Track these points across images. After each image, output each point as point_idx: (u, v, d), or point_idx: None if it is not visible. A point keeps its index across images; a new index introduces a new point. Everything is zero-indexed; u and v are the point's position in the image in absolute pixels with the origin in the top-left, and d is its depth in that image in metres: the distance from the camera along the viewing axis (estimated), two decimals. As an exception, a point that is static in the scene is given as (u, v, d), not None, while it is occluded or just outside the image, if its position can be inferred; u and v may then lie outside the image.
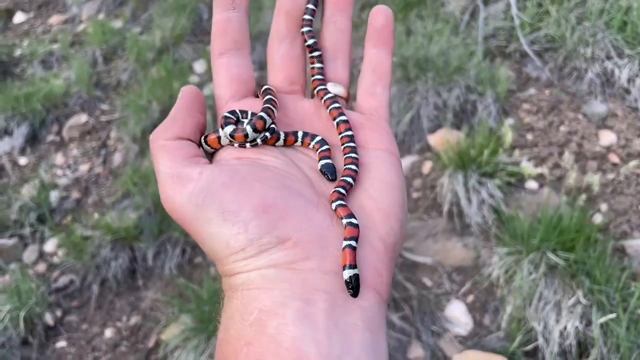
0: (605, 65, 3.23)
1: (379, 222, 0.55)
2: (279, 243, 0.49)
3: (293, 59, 0.64)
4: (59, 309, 2.82)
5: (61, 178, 3.55)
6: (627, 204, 2.68)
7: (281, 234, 0.49)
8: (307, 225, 0.50)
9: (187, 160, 0.54)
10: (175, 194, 0.52)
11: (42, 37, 4.88)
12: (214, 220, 0.50)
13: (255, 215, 0.49)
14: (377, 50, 0.64)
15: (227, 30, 0.61)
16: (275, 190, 0.52)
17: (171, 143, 0.56)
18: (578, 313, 2.18)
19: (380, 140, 0.61)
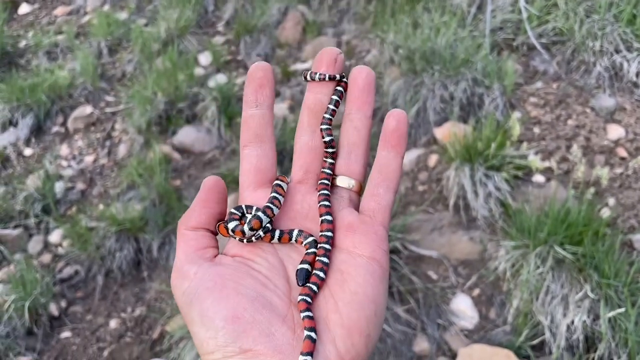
0: (614, 59, 3.20)
1: (339, 337, 0.57)
2: (241, 352, 0.55)
3: (311, 150, 0.69)
4: (64, 299, 2.82)
5: (66, 169, 3.54)
6: (635, 198, 2.66)
7: (242, 345, 0.55)
8: (267, 339, 0.55)
9: (196, 252, 0.62)
10: (176, 287, 0.60)
11: (47, 28, 4.87)
12: (195, 321, 0.57)
13: (224, 325, 0.55)
14: (386, 152, 0.66)
15: (250, 125, 0.67)
16: (247, 301, 0.57)
17: (188, 232, 0.63)
18: (586, 307, 2.16)
19: (368, 246, 0.62)
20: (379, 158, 0.67)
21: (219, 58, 4.06)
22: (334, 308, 0.59)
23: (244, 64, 4.12)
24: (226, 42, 4.33)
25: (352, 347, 0.57)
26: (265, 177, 0.67)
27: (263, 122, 0.67)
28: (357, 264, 0.61)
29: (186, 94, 3.67)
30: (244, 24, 4.22)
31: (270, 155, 0.67)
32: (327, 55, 0.68)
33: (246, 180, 0.67)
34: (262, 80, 0.67)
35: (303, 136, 0.69)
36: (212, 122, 3.54)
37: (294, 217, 0.67)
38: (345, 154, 0.68)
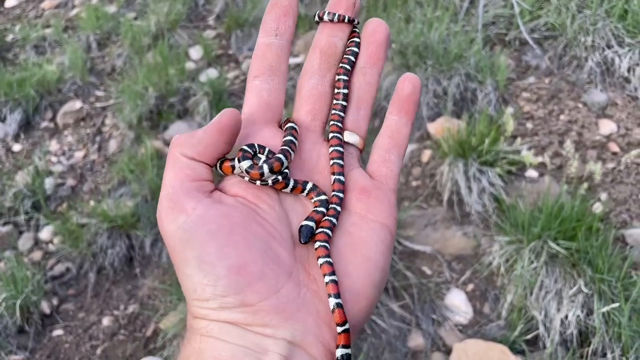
0: (606, 54, 3.22)
1: (346, 302, 0.55)
2: (241, 305, 0.51)
3: (320, 95, 0.65)
4: (55, 297, 2.79)
5: (56, 165, 3.50)
6: (627, 193, 2.68)
7: (245, 299, 0.51)
8: (273, 295, 0.52)
9: (192, 183, 0.56)
10: (168, 220, 0.54)
11: (35, 21, 4.80)
12: (190, 264, 0.52)
13: (227, 274, 0.51)
14: (398, 117, 0.64)
15: (266, 54, 0.62)
16: (254, 252, 0.53)
17: (184, 160, 0.57)
18: (579, 302, 2.18)
19: (382, 212, 0.60)
20: (390, 122, 0.64)
21: (210, 52, 4.03)
22: (343, 271, 0.56)
23: (235, 58, 4.09)
24: (217, 36, 4.29)
25: (359, 312, 0.56)
26: (273, 115, 0.62)
27: (281, 54, 0.62)
28: (369, 229, 0.59)
29: (177, 89, 3.64)
30: (235, 18, 4.19)
31: (281, 92, 0.63)
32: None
33: (254, 114, 0.62)
34: (287, 8, 0.62)
35: (312, 79, 0.65)
36: (203, 117, 3.51)
37: (302, 167, 0.63)
38: (355, 109, 0.66)
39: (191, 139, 0.57)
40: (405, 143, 0.65)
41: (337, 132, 0.64)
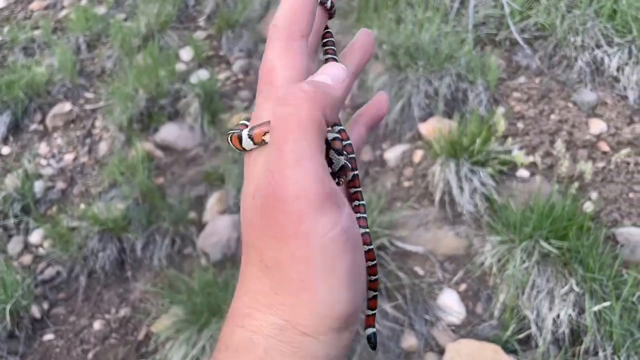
0: (595, 54, 3.23)
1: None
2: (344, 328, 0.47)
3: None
4: (46, 301, 2.77)
5: (45, 168, 3.47)
6: (617, 192, 2.69)
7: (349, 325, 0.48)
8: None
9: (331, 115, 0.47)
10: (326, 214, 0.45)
11: (23, 23, 4.76)
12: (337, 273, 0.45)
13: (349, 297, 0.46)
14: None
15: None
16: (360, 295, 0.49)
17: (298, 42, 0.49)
18: (571, 301, 2.19)
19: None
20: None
21: (201, 53, 4.01)
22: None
23: (226, 59, 4.07)
24: (208, 37, 4.28)
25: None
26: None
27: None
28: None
29: (168, 90, 3.62)
30: (226, 19, 4.17)
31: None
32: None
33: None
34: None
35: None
36: (194, 119, 3.49)
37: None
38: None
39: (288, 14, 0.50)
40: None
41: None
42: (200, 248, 2.80)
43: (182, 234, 2.87)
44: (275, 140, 0.44)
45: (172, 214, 2.88)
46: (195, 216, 2.97)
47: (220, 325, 2.28)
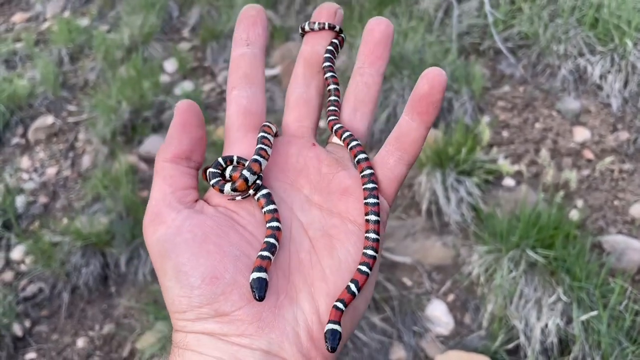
0: (578, 62, 3.26)
1: (323, 307, 0.54)
2: (216, 315, 0.51)
3: (306, 102, 0.65)
4: (28, 319, 2.71)
5: (27, 182, 3.42)
6: (602, 199, 2.70)
7: (219, 309, 0.51)
8: (247, 304, 0.51)
9: (175, 193, 0.56)
10: (149, 232, 0.55)
11: (5, 35, 4.71)
12: (168, 275, 0.52)
13: (201, 283, 0.51)
14: (409, 118, 0.60)
15: (240, 65, 0.62)
16: (229, 260, 0.52)
17: (168, 166, 0.57)
18: (559, 310, 2.18)
19: (361, 214, 0.58)
20: (400, 124, 0.61)
21: (185, 65, 3.99)
22: (320, 275, 0.55)
23: (210, 70, 4.05)
24: (192, 49, 4.25)
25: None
26: (255, 120, 0.61)
27: (254, 63, 0.62)
28: (348, 231, 0.57)
29: (152, 102, 3.59)
30: (210, 30, 4.16)
31: (261, 99, 0.62)
32: (327, 8, 0.66)
33: (235, 122, 0.61)
34: (255, 18, 0.63)
35: (298, 88, 0.65)
36: (179, 131, 3.46)
37: (287, 172, 0.61)
38: (351, 110, 0.64)
39: (167, 140, 0.58)
40: (413, 148, 0.60)
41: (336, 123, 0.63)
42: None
43: (167, 248, 2.83)
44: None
45: (157, 227, 2.84)
46: (181, 229, 2.93)
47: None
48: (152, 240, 0.54)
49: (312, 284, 0.55)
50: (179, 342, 0.52)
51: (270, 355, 0.51)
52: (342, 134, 0.62)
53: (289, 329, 0.52)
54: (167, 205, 0.55)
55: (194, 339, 0.51)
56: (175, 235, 0.53)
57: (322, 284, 0.55)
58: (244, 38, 0.63)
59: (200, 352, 0.50)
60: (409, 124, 0.60)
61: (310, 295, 0.54)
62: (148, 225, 0.55)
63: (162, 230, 0.54)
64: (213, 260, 0.52)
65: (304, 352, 0.52)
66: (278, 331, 0.52)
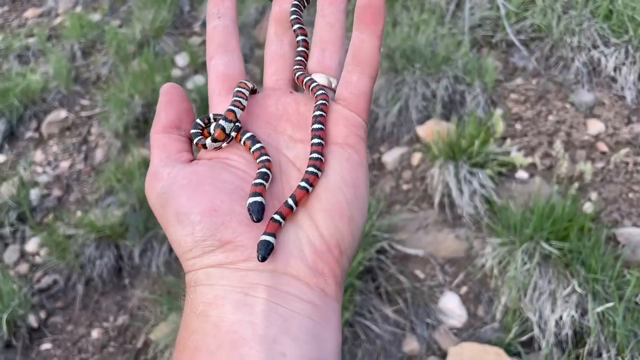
0: (592, 54, 3.23)
1: (321, 221, 0.56)
2: (220, 245, 0.53)
3: (280, 57, 0.68)
4: (43, 310, 2.74)
5: (41, 175, 3.45)
6: (617, 192, 2.68)
7: (222, 237, 0.53)
8: (247, 229, 0.54)
9: (170, 156, 0.60)
10: (149, 191, 0.58)
11: (18, 31, 4.74)
12: (171, 221, 0.55)
13: (201, 218, 0.54)
14: (359, 32, 0.62)
15: (214, 37, 0.66)
16: (224, 194, 0.56)
17: (160, 137, 0.61)
18: (573, 302, 2.17)
19: (339, 133, 0.61)
20: (352, 41, 0.62)
21: (196, 59, 4.00)
22: (312, 195, 0.57)
23: (222, 64, 4.06)
24: (203, 43, 4.26)
25: (336, 230, 0.56)
26: (234, 83, 0.65)
27: (227, 33, 0.66)
28: (330, 151, 0.60)
29: (164, 96, 3.60)
30: (221, 24, 4.16)
31: (238, 63, 0.66)
32: None
33: (215, 88, 0.65)
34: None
35: (271, 46, 0.68)
36: (191, 125, 3.47)
37: (268, 119, 0.64)
38: (319, 51, 0.66)
39: (156, 116, 0.63)
40: (370, 59, 0.62)
41: (300, 72, 0.65)
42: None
43: (180, 241, 2.85)
44: None
45: (170, 220, 2.86)
46: (193, 222, 2.94)
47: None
48: (153, 196, 0.57)
49: (306, 204, 0.57)
50: (190, 280, 0.54)
51: (277, 273, 0.53)
52: (302, 80, 0.64)
53: (291, 246, 0.55)
54: (164, 165, 0.59)
55: (203, 273, 0.53)
56: (171, 184, 0.56)
57: (315, 201, 0.57)
58: (215, 12, 0.67)
59: (211, 284, 0.52)
60: (360, 38, 0.62)
61: (307, 214, 0.57)
62: (148, 185, 0.59)
63: (159, 184, 0.57)
64: (209, 197, 0.55)
65: (311, 266, 0.54)
66: (282, 250, 0.54)
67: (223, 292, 0.51)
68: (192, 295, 0.53)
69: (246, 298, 0.51)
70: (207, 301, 0.51)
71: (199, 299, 0.52)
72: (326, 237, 0.55)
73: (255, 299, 0.51)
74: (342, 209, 0.57)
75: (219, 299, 0.51)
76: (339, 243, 0.56)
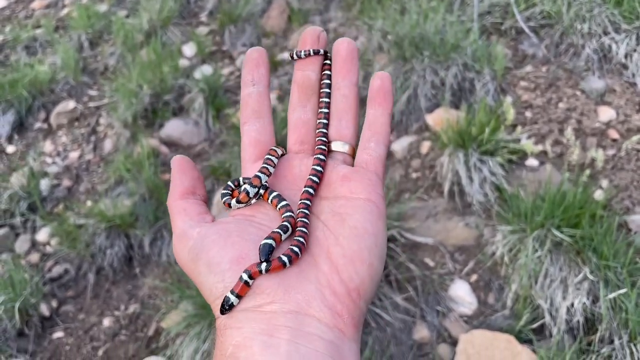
0: (602, 41, 3.20)
1: (341, 266, 0.60)
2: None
3: (304, 123, 0.73)
4: (55, 299, 2.75)
5: (51, 166, 3.46)
6: (628, 179, 2.66)
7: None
8: (272, 276, 0.58)
9: (193, 219, 0.65)
10: (179, 250, 0.63)
11: (25, 22, 4.74)
12: (202, 272, 0.60)
13: (231, 266, 0.58)
14: (373, 110, 0.71)
15: (248, 102, 0.71)
16: (251, 244, 0.60)
17: (179, 203, 0.66)
18: (585, 289, 2.16)
19: (363, 190, 0.66)
20: (367, 116, 0.71)
21: (204, 49, 3.99)
22: (334, 242, 0.62)
23: (229, 54, 4.05)
24: (210, 33, 4.25)
25: (356, 275, 0.60)
26: (264, 148, 0.71)
27: (260, 100, 0.71)
28: (354, 205, 0.65)
29: (172, 86, 3.60)
30: (228, 14, 4.15)
31: (269, 129, 0.72)
32: (310, 34, 0.72)
33: (247, 153, 0.71)
34: (258, 60, 0.72)
35: (295, 112, 0.73)
36: (199, 114, 3.47)
37: (293, 180, 0.71)
38: (337, 121, 0.72)
39: (171, 186, 0.68)
40: (384, 130, 0.71)
41: (320, 153, 0.70)
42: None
43: (189, 230, 2.85)
44: None
45: (179, 209, 2.86)
46: (203, 211, 2.95)
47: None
48: (184, 253, 0.62)
49: (328, 249, 0.61)
50: (220, 325, 0.58)
51: (300, 314, 0.56)
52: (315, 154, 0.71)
53: (312, 288, 0.58)
54: (190, 227, 0.63)
55: (232, 317, 0.57)
56: (203, 239, 0.61)
57: (336, 248, 0.61)
58: (249, 79, 0.72)
59: (239, 327, 0.56)
60: (374, 114, 0.71)
61: (328, 258, 0.61)
62: (177, 246, 0.63)
63: (190, 242, 0.62)
64: (238, 247, 0.60)
65: (330, 306, 0.58)
66: (303, 292, 0.58)
67: (251, 334, 0.55)
68: (221, 338, 0.57)
69: (271, 339, 0.54)
70: (236, 344, 0.55)
71: (228, 342, 0.56)
72: (346, 281, 0.59)
73: (280, 340, 0.54)
74: (362, 255, 0.61)
75: (247, 341, 0.55)
76: (358, 287, 0.60)
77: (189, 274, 0.62)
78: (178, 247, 0.63)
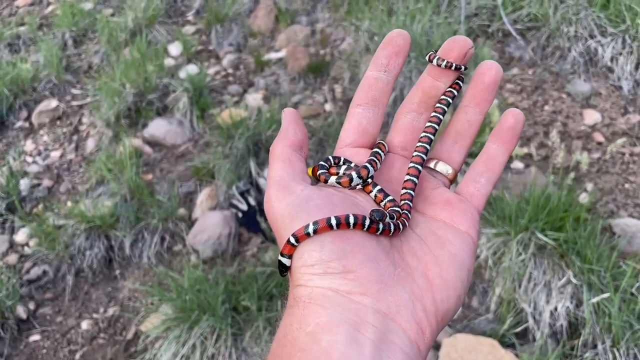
0: (589, 44, 3.20)
1: (436, 287, 0.59)
2: (343, 272, 0.54)
3: (413, 130, 0.70)
4: (32, 301, 2.70)
5: (31, 165, 3.40)
6: (612, 182, 2.66)
7: (347, 265, 0.55)
8: (372, 265, 0.56)
9: (297, 174, 0.62)
10: (278, 200, 0.60)
11: (9, 19, 4.68)
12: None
13: (333, 240, 0.55)
14: (496, 146, 0.67)
15: (372, 87, 0.67)
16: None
17: (287, 150, 0.63)
18: (569, 293, 2.15)
19: (465, 222, 0.64)
20: (487, 149, 0.67)
21: (190, 48, 3.95)
22: (433, 260, 0.60)
23: (215, 53, 4.01)
24: (197, 32, 4.21)
25: (447, 299, 0.58)
26: (368, 140, 0.68)
27: (385, 89, 0.67)
28: (454, 233, 0.63)
29: (156, 85, 3.56)
30: (215, 13, 4.11)
31: (379, 121, 0.68)
32: (460, 46, 0.66)
33: (349, 136, 0.68)
34: (401, 48, 0.66)
35: (409, 115, 0.69)
36: (183, 114, 3.43)
37: (391, 180, 0.68)
38: (450, 142, 0.70)
39: (280, 135, 0.65)
40: (499, 170, 0.68)
41: (417, 162, 0.67)
42: (190, 245, 2.74)
43: (171, 231, 2.81)
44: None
45: (161, 210, 2.82)
46: (185, 212, 2.91)
47: (211, 323, 2.23)
48: (281, 205, 0.59)
49: (426, 265, 0.59)
50: (303, 295, 0.54)
51: (388, 318, 0.54)
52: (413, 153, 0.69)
53: (405, 296, 0.56)
54: (293, 181, 0.60)
55: (320, 293, 0.54)
56: (307, 201, 0.58)
57: (435, 267, 0.59)
58: (384, 63, 0.67)
59: (326, 307, 0.53)
60: (496, 150, 0.67)
61: (425, 275, 0.59)
62: (276, 195, 0.60)
63: (292, 197, 0.59)
64: None
65: (417, 321, 0.56)
66: (397, 296, 0.55)
67: (337, 320, 0.52)
68: (304, 310, 0.54)
69: (357, 335, 0.52)
70: (320, 323, 0.52)
71: (311, 318, 0.53)
72: (437, 302, 0.58)
73: (365, 339, 0.52)
74: (456, 285, 0.60)
75: (332, 326, 0.52)
76: (444, 313, 0.59)
77: (278, 226, 0.59)
78: (276, 197, 0.60)
